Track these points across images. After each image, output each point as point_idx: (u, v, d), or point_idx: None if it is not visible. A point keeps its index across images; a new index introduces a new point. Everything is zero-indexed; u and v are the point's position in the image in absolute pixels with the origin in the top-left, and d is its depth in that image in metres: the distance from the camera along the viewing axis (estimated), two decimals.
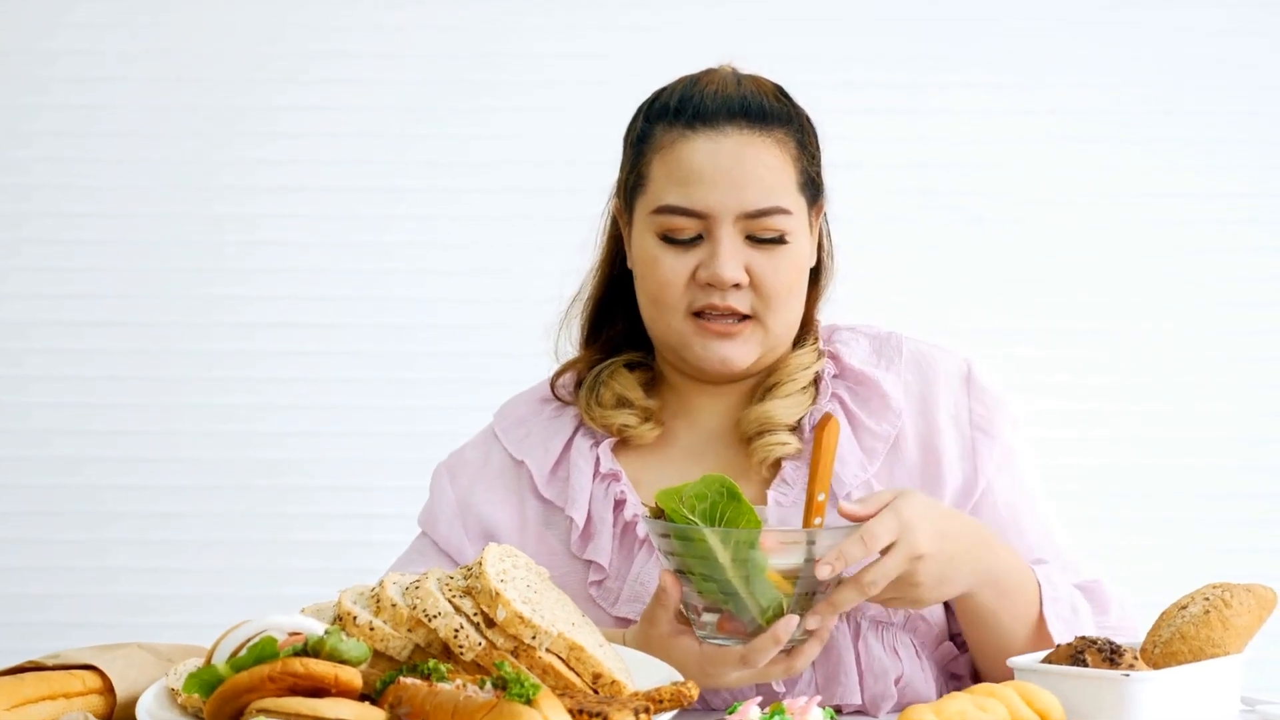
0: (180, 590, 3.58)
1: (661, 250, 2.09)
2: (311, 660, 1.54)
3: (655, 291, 2.10)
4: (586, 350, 2.25)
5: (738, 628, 1.85)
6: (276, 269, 3.68)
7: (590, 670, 1.69)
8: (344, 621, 1.69)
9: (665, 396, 2.21)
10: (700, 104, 2.08)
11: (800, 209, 2.10)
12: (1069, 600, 2.04)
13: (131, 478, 3.67)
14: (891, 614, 2.07)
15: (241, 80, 3.67)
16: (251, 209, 3.68)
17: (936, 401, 2.14)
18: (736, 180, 2.05)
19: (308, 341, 3.69)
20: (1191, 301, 3.63)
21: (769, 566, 1.81)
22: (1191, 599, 1.81)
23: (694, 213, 2.06)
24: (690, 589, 1.87)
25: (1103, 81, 3.64)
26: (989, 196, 3.64)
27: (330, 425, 3.69)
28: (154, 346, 3.68)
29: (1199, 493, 3.64)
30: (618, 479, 2.14)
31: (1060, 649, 1.77)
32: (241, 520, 3.68)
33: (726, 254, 2.05)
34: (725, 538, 1.80)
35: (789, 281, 2.09)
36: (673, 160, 2.07)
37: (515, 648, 1.68)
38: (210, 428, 3.68)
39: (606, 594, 2.11)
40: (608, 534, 2.12)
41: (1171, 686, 1.72)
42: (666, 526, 1.83)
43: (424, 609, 1.68)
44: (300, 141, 3.67)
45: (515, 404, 2.28)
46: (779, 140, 2.08)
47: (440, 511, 2.21)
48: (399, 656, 1.69)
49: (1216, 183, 3.64)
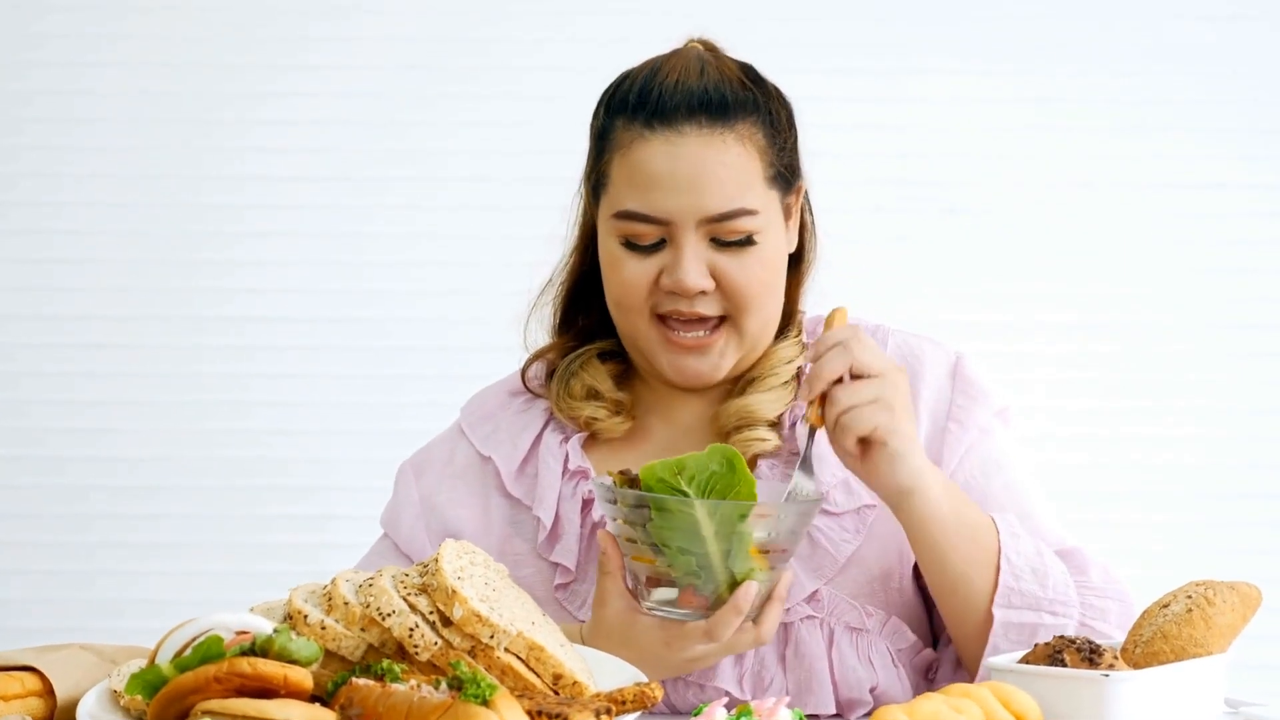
0: (160, 594, 3.55)
1: (624, 254, 2.05)
2: (260, 660, 1.51)
3: (618, 295, 2.07)
4: (560, 338, 2.21)
5: (700, 602, 1.83)
6: (263, 261, 3.62)
7: (550, 671, 1.67)
8: (294, 620, 1.67)
9: (638, 389, 2.18)
10: (660, 100, 2.03)
11: (770, 204, 2.06)
12: (1035, 548, 1.99)
13: (112, 478, 3.61)
14: (866, 620, 2.03)
15: (223, 68, 3.61)
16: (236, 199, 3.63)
17: (919, 395, 2.11)
18: (697, 185, 2.01)
19: (278, 338, 3.64)
20: (1177, 296, 3.59)
21: (753, 540, 1.81)
22: (1174, 597, 1.78)
23: (654, 219, 2.02)
24: (645, 566, 1.83)
25: (1088, 69, 3.59)
26: (968, 186, 3.60)
27: (302, 424, 3.63)
28: (132, 341, 3.62)
29: (1188, 492, 3.59)
30: (586, 476, 2.11)
31: (1038, 648, 1.75)
32: (219, 522, 3.62)
33: (689, 261, 2.01)
34: (713, 510, 1.78)
35: (761, 280, 2.05)
36: (632, 163, 2.03)
37: (473, 647, 1.65)
38: (191, 425, 3.62)
39: (573, 597, 2.08)
40: (574, 535, 2.09)
41: (1152, 687, 1.69)
42: (644, 497, 1.80)
43: (378, 607, 1.66)
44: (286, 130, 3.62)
45: (483, 398, 2.24)
46: (742, 135, 2.03)
47: (403, 511, 2.18)
48: (351, 656, 1.67)
49: (1207, 174, 3.59)
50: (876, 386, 1.89)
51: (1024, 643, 1.93)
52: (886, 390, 1.89)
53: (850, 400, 1.88)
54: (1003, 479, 2.10)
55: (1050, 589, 1.96)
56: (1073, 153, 3.60)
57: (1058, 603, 1.96)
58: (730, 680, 2.00)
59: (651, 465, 1.81)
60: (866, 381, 1.89)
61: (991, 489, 2.09)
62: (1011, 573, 1.95)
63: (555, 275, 2.21)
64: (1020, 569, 1.96)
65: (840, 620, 2.03)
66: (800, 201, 2.13)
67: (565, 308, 2.21)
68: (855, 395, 1.88)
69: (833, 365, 1.89)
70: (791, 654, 2.01)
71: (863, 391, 1.88)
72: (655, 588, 1.85)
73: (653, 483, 1.80)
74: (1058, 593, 1.96)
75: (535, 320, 2.21)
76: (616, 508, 1.84)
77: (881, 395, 1.88)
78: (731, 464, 1.80)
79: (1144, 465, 3.59)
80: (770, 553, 1.83)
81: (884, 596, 2.05)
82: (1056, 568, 1.98)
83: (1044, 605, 1.95)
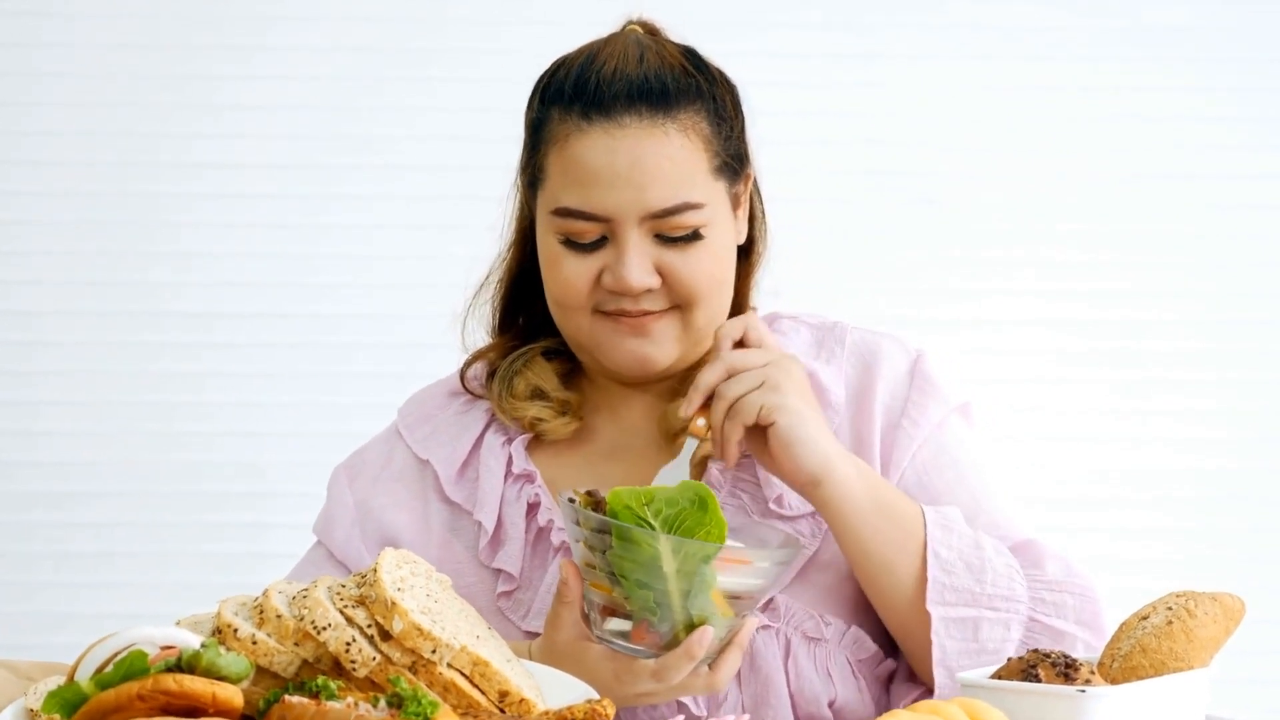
0: (77, 608, 3.48)
1: (563, 253, 2.01)
2: (186, 677, 1.47)
3: (559, 295, 2.03)
4: (500, 337, 2.17)
5: (653, 639, 1.78)
6: (217, 254, 3.53)
7: (496, 687, 1.63)
8: (224, 634, 1.62)
9: (585, 389, 2.14)
10: (596, 90, 1.98)
11: (716, 195, 2.01)
12: (973, 538, 1.95)
13: (55, 483, 3.52)
14: (824, 629, 1.99)
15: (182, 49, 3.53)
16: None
17: (873, 392, 2.07)
18: (637, 180, 1.96)
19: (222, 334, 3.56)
20: (1161, 293, 3.56)
21: (717, 585, 1.75)
22: (1153, 608, 1.75)
23: (594, 216, 1.98)
24: (602, 594, 1.78)
25: (1068, 53, 3.55)
26: (941, 176, 3.55)
27: (233, 426, 3.55)
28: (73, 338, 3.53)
29: (1166, 497, 3.56)
30: (532, 480, 2.06)
31: (1011, 663, 1.71)
32: (145, 531, 3.53)
33: (632, 260, 1.97)
34: (678, 547, 1.73)
35: (709, 275, 2.01)
36: (569, 157, 1.98)
37: (413, 663, 1.61)
38: (143, 427, 3.52)
39: (517, 606, 2.03)
40: (519, 540, 2.04)
41: (1130, 703, 1.66)
42: (607, 523, 1.74)
43: (312, 620, 1.61)
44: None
45: (421, 398, 2.20)
46: (685, 126, 1.98)
47: (337, 518, 2.13)
48: (284, 673, 1.62)
49: (1193, 164, 3.55)
50: (758, 373, 1.89)
51: (969, 639, 1.91)
52: (771, 373, 1.89)
53: (731, 392, 1.89)
54: (954, 472, 2.06)
55: (989, 584, 1.93)
56: (1051, 142, 3.55)
57: (998, 598, 1.93)
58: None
59: (619, 491, 1.76)
60: (746, 373, 1.90)
61: (941, 482, 2.05)
62: (940, 567, 1.92)
63: (493, 271, 2.16)
64: (950, 563, 1.92)
65: (797, 630, 1.99)
66: (749, 190, 2.09)
67: (505, 306, 2.16)
68: (736, 387, 1.89)
69: (707, 376, 1.91)
70: (747, 666, 1.97)
71: (744, 381, 1.89)
72: (610, 617, 1.80)
73: (619, 509, 1.75)
74: (998, 588, 1.93)
75: (474, 319, 2.17)
76: (579, 529, 1.79)
77: (766, 378, 1.89)
78: (704, 502, 1.75)
79: (1121, 469, 3.55)
80: (738, 600, 1.78)
81: (843, 604, 2.01)
82: (1000, 561, 1.94)
83: (981, 601, 1.92)
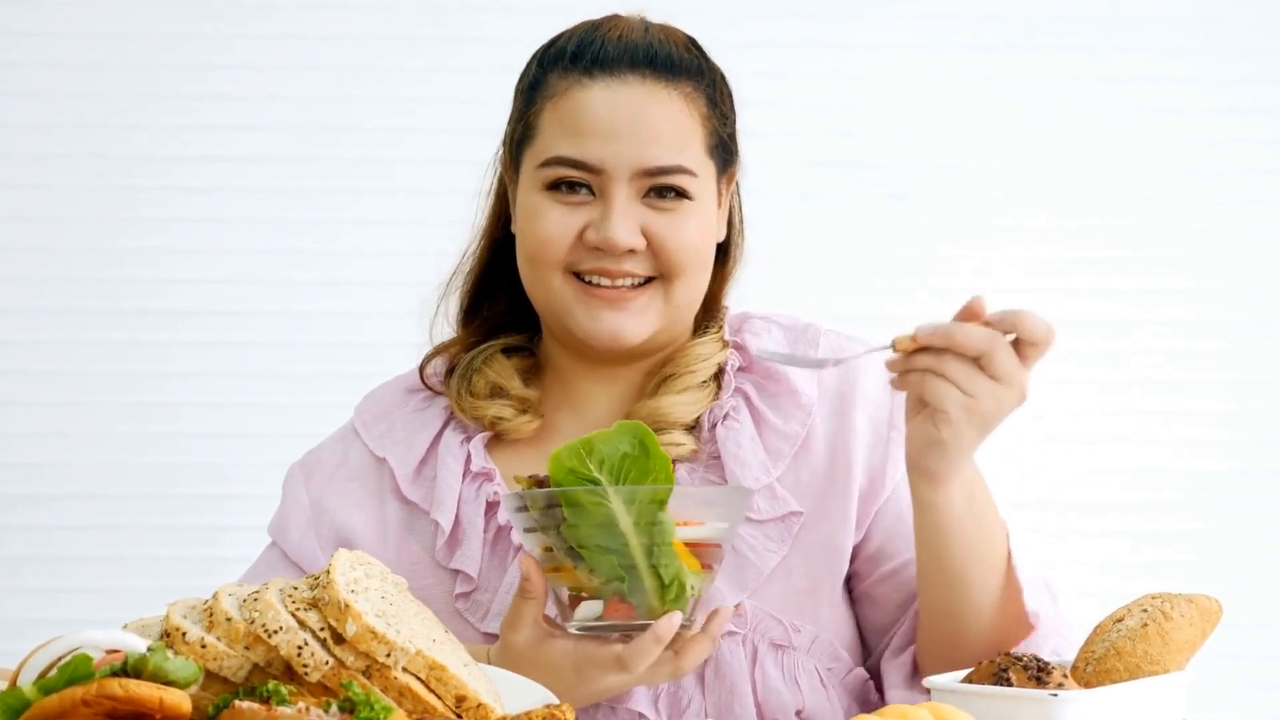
0: (22, 613, 3.43)
1: (547, 202, 1.96)
2: (132, 682, 1.43)
3: (534, 248, 1.97)
4: (463, 331, 2.13)
5: (627, 610, 1.73)
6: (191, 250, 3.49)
7: (453, 692, 1.59)
8: (172, 638, 1.58)
9: (548, 385, 2.10)
10: (601, 50, 1.96)
11: (708, 173, 1.98)
12: (1040, 569, 1.92)
13: (16, 486, 3.48)
14: (792, 636, 1.96)
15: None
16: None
17: (854, 401, 2.03)
18: (636, 132, 1.93)
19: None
20: (1142, 290, 3.54)
21: (676, 535, 1.70)
22: (1128, 610, 1.73)
23: (586, 165, 1.94)
24: (567, 581, 1.74)
25: (1043, 42, 3.53)
26: (914, 170, 3.52)
27: (195, 426, 3.51)
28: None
29: (1146, 499, 3.54)
30: (491, 478, 2.02)
31: (982, 667, 1.68)
32: (99, 534, 3.49)
33: (619, 215, 1.93)
34: (630, 496, 1.69)
35: (695, 243, 1.97)
36: (566, 108, 1.95)
37: (367, 667, 1.58)
38: (110, 429, 3.48)
39: (475, 608, 1.99)
40: (478, 540, 2.00)
41: (1104, 707, 1.64)
42: (553, 494, 1.70)
43: (263, 623, 1.57)
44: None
45: (378, 395, 2.16)
46: (687, 95, 1.96)
47: (291, 517, 2.09)
48: (234, 677, 1.58)
49: (1180, 158, 3.54)
50: (987, 389, 1.70)
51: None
52: (986, 401, 1.70)
53: (952, 374, 1.70)
54: None
55: (1062, 609, 1.91)
56: (1026, 134, 3.53)
57: (1065, 625, 1.90)
58: (645, 703, 1.92)
59: (557, 452, 1.72)
60: (985, 379, 1.70)
61: None
62: (1024, 581, 1.87)
63: (462, 262, 2.13)
64: (1032, 581, 1.88)
65: (764, 636, 1.95)
66: (731, 190, 2.06)
67: (472, 294, 2.12)
68: (962, 377, 1.70)
69: (973, 336, 1.69)
70: (711, 673, 1.93)
71: (972, 382, 1.71)
72: (579, 605, 1.76)
73: (561, 475, 1.71)
74: (1065, 616, 1.91)
75: (444, 314, 2.14)
76: (527, 515, 1.74)
77: (978, 402, 1.71)
78: (644, 444, 1.71)
79: (1105, 469, 3.53)
80: (700, 548, 1.73)
81: (813, 611, 1.97)
82: (1050, 590, 1.93)
83: (1060, 629, 1.88)
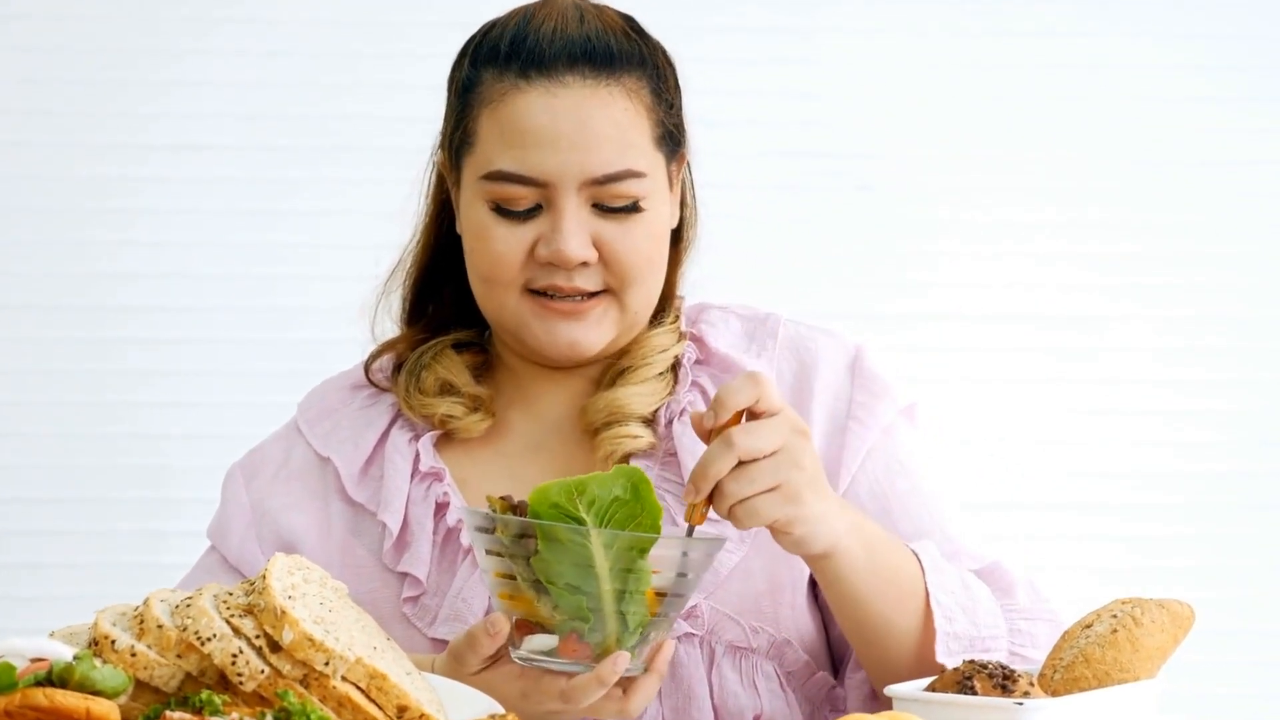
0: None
1: (493, 221, 1.91)
2: (58, 691, 1.41)
3: (486, 269, 1.92)
4: (409, 329, 2.07)
5: (583, 651, 1.67)
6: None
7: (394, 702, 1.55)
8: (100, 646, 1.54)
9: (500, 382, 2.04)
10: (536, 48, 1.89)
11: (657, 167, 1.93)
12: (958, 576, 1.87)
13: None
14: (751, 638, 1.91)
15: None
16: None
17: (812, 392, 1.98)
18: (580, 142, 1.87)
19: None
20: (1123, 286, 3.47)
21: (651, 582, 1.65)
22: (1098, 616, 1.69)
23: (531, 180, 1.88)
24: (521, 610, 1.68)
25: (1017, 27, 3.44)
26: (882, 160, 3.44)
27: (136, 427, 3.41)
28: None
29: (1116, 502, 3.47)
30: (440, 478, 1.97)
31: (946, 675, 1.64)
32: (25, 540, 3.38)
33: (570, 228, 1.88)
34: (610, 541, 1.63)
35: (646, 253, 1.92)
36: (504, 117, 1.89)
37: (305, 676, 1.53)
38: (74, 429, 3.38)
39: (423, 612, 1.94)
40: (427, 542, 1.95)
41: (1071, 716, 1.60)
42: (529, 525, 1.63)
43: (196, 631, 1.53)
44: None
45: (322, 391, 2.10)
46: (629, 89, 1.91)
47: (232, 520, 2.04)
48: (166, 687, 1.54)
49: (1169, 150, 3.45)
50: (772, 470, 1.66)
51: None
52: (783, 470, 1.67)
53: (742, 491, 1.67)
54: (908, 483, 1.98)
55: (981, 625, 1.84)
56: (999, 122, 3.45)
57: (989, 637, 1.84)
58: None
59: (546, 487, 1.65)
60: (758, 465, 1.66)
61: (896, 495, 1.97)
62: (943, 615, 1.82)
63: (404, 258, 2.07)
64: (951, 610, 1.83)
65: (722, 639, 1.90)
66: (682, 171, 2.01)
67: (415, 295, 2.07)
68: (749, 485, 1.67)
69: (715, 465, 1.66)
70: (668, 678, 1.88)
71: (757, 479, 1.67)
72: (529, 636, 1.69)
73: (544, 509, 1.64)
74: (988, 627, 1.85)
75: (384, 310, 2.08)
76: (493, 538, 1.66)
77: (780, 481, 1.67)
78: (637, 490, 1.65)
79: (1074, 471, 3.46)
80: (666, 596, 1.66)
81: (773, 613, 1.92)
82: (982, 595, 1.87)
83: (977, 644, 1.83)
